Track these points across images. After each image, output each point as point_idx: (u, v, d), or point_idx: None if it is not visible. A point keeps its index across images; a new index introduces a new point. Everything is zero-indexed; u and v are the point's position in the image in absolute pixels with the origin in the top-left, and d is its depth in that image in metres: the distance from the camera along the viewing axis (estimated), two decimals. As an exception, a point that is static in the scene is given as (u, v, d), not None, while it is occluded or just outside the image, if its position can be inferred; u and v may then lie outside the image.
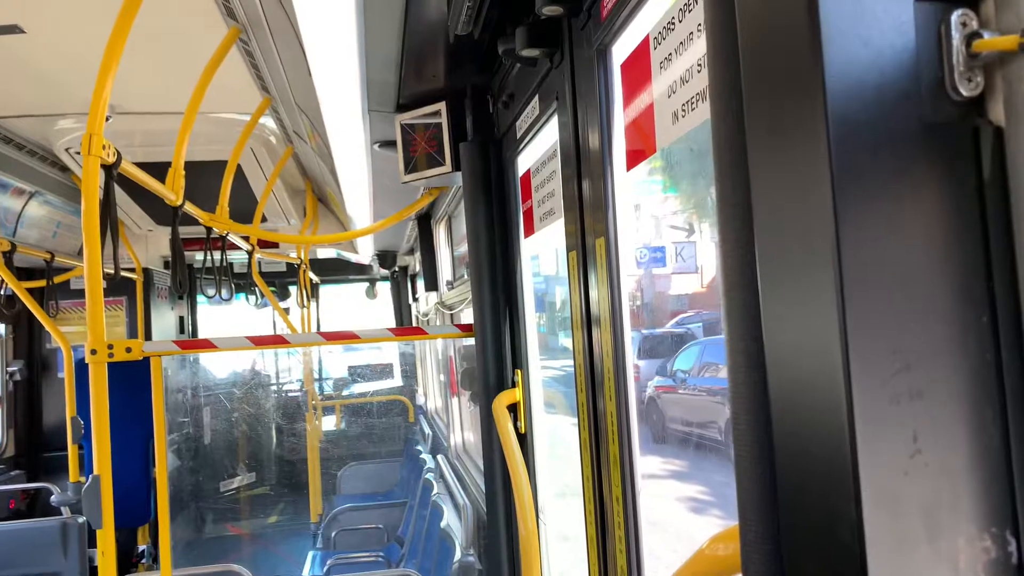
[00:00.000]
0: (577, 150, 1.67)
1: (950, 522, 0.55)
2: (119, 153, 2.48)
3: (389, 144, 2.91)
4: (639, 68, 1.33)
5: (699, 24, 1.11)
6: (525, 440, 2.38)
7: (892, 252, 0.56)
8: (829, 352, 0.55)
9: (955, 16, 0.57)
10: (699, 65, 1.11)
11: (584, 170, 1.64)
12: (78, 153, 4.41)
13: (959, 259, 0.57)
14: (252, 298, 5.61)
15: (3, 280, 4.52)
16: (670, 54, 1.20)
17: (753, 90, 0.64)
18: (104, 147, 2.36)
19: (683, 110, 1.16)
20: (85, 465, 5.03)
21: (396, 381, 8.93)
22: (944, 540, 0.55)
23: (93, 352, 2.33)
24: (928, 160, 0.57)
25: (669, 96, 1.21)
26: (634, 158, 1.39)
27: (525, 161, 2.28)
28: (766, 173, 0.63)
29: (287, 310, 6.52)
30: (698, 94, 1.11)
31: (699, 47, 1.11)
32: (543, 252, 2.73)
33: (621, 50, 1.46)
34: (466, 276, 4.22)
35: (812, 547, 0.60)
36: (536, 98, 1.98)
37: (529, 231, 2.28)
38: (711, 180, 0.73)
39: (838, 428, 0.55)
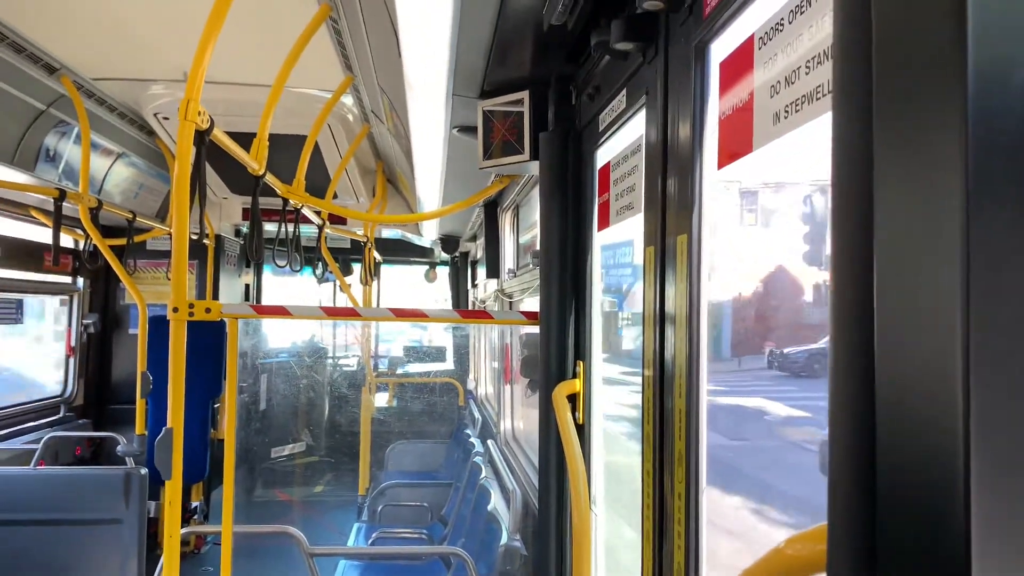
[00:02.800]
0: (664, 146, 1.67)
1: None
2: (212, 120, 2.57)
3: (467, 129, 2.95)
4: (740, 67, 1.32)
5: (810, 25, 1.10)
6: (582, 431, 2.39)
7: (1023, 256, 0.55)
8: (949, 352, 0.55)
9: (1108, 26, 0.56)
10: (807, 67, 1.10)
11: (670, 167, 1.64)
12: (166, 119, 4.57)
13: None
14: (318, 271, 5.73)
15: (87, 236, 4.72)
16: (776, 54, 1.19)
17: (884, 87, 0.64)
18: (200, 113, 2.45)
19: (786, 111, 1.15)
20: (149, 419, 5.23)
21: (448, 365, 9.03)
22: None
23: (175, 310, 2.43)
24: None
25: (771, 96, 1.20)
26: (727, 157, 1.38)
27: (605, 154, 2.28)
28: (894, 179, 0.63)
29: (349, 285, 6.65)
30: (804, 96, 1.10)
31: (808, 47, 1.10)
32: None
33: (720, 48, 1.45)
34: (530, 265, 4.25)
35: (913, 554, 0.60)
36: (624, 92, 1.98)
37: (604, 224, 2.29)
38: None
39: (954, 433, 0.55)
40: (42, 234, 5.68)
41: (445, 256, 8.63)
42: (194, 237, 2.69)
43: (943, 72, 0.57)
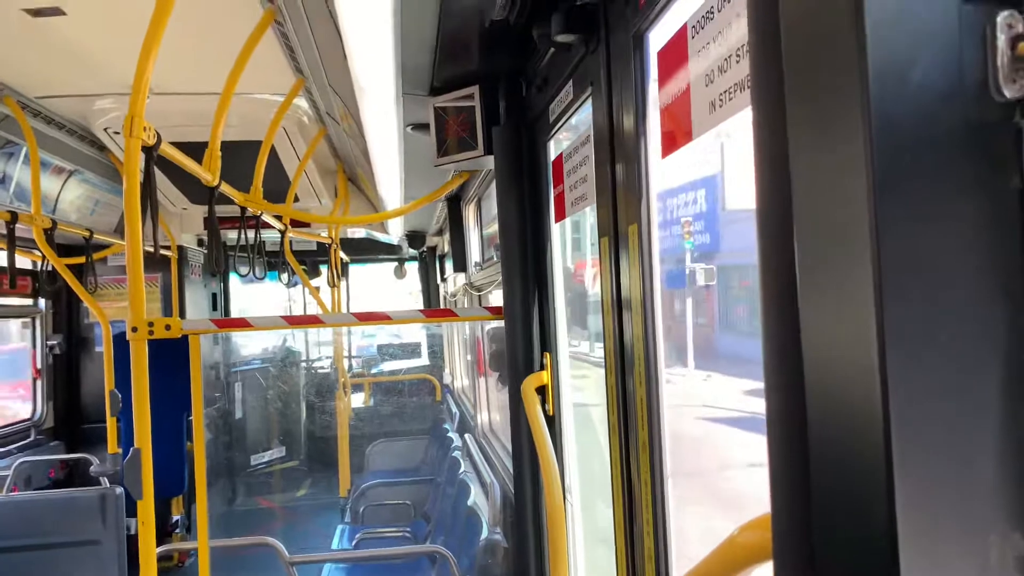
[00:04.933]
0: (611, 136, 1.67)
1: (983, 516, 0.57)
2: (159, 134, 2.53)
3: (422, 127, 2.93)
4: (676, 56, 1.33)
5: (737, 13, 1.11)
6: (553, 422, 2.41)
7: (931, 252, 0.57)
8: (866, 348, 0.57)
9: (1001, 18, 0.58)
10: (737, 56, 1.11)
11: (618, 155, 1.65)
12: (116, 133, 4.49)
13: (1000, 261, 0.58)
14: (284, 276, 5.68)
15: (44, 256, 4.63)
16: (708, 43, 1.20)
17: (795, 85, 0.65)
18: (145, 128, 2.41)
19: (720, 100, 1.16)
20: (122, 437, 5.16)
21: (423, 361, 9.01)
22: (977, 534, 0.57)
23: (135, 330, 2.40)
24: (969, 161, 0.58)
25: (706, 85, 1.21)
26: (670, 145, 1.39)
27: (557, 145, 2.29)
28: (806, 169, 0.64)
29: (317, 288, 6.60)
30: (736, 84, 1.11)
31: (737, 37, 1.11)
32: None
33: (658, 37, 1.46)
34: (495, 257, 4.25)
35: (844, 538, 0.61)
36: (570, 83, 1.98)
37: (560, 215, 2.29)
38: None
39: (874, 422, 0.56)
40: (-2, 257, 5.57)
41: (414, 252, 8.59)
42: (149, 251, 2.65)
43: (845, 72, 0.58)
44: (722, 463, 9.29)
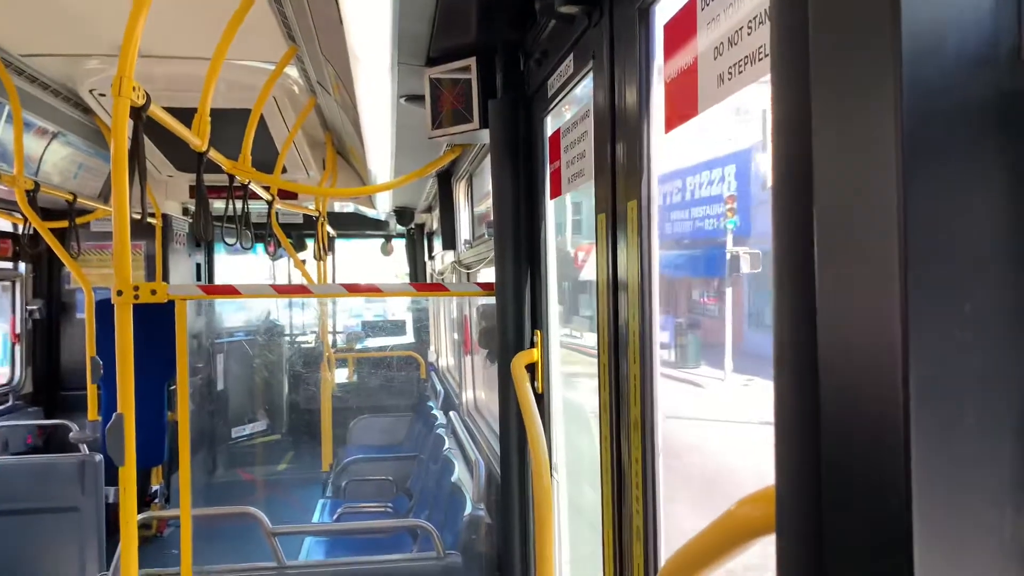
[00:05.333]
0: (612, 111, 1.65)
1: (999, 494, 0.56)
2: (148, 96, 2.48)
3: (415, 99, 2.89)
4: (684, 29, 1.31)
5: (751, -15, 1.09)
6: (542, 400, 2.40)
7: (961, 226, 0.55)
8: (888, 321, 0.55)
9: (1038, -17, 0.56)
10: (749, 28, 1.09)
11: (619, 131, 1.62)
12: (102, 95, 4.41)
13: None
14: (270, 248, 5.63)
15: (26, 219, 4.55)
16: (718, 15, 1.18)
17: (822, 51, 0.63)
18: (134, 89, 2.36)
19: (729, 73, 1.15)
20: (102, 405, 5.11)
21: (408, 338, 8.99)
22: (991, 509, 0.56)
23: (120, 293, 2.36)
24: (1002, 128, 0.57)
25: (715, 58, 1.19)
26: (674, 120, 1.37)
27: (555, 121, 2.26)
28: (830, 138, 0.62)
29: (303, 262, 6.55)
30: (747, 57, 1.09)
31: (750, 7, 1.09)
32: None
33: (665, 10, 1.44)
34: (485, 236, 4.22)
35: (854, 509, 0.60)
36: (571, 57, 1.95)
37: (556, 192, 2.27)
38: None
39: (892, 393, 0.55)
40: (-22, 219, 5.47)
41: (401, 228, 8.54)
42: (136, 217, 2.61)
43: (876, 37, 0.56)
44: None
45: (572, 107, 2.11)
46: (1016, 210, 0.57)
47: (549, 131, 2.31)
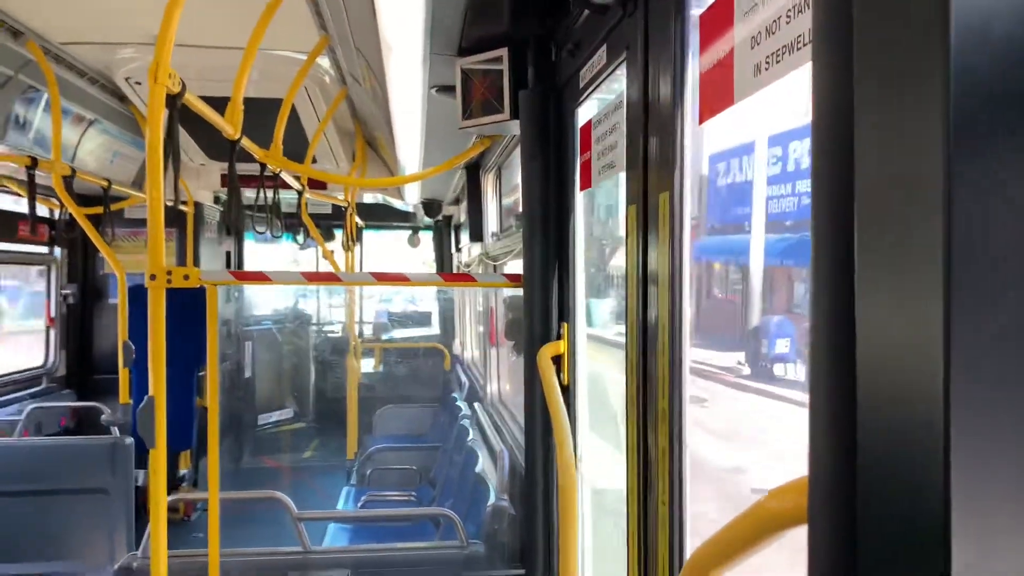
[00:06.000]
0: (645, 102, 1.64)
1: (1040, 486, 0.55)
2: (183, 83, 2.51)
3: (446, 89, 2.90)
4: (720, 19, 1.30)
5: (791, -26, 1.08)
6: (568, 392, 2.40)
7: (1008, 216, 0.54)
8: (930, 316, 0.55)
9: (1094, -33, 0.55)
10: (788, 16, 1.08)
11: (652, 123, 1.62)
12: (138, 83, 4.47)
13: None
14: (299, 237, 5.68)
15: (63, 205, 4.64)
16: (755, 4, 1.17)
17: (865, 37, 0.62)
18: (170, 76, 2.39)
19: (767, 62, 1.13)
20: (133, 388, 5.20)
21: (434, 329, 9.03)
22: (1032, 503, 0.55)
23: (153, 277, 2.39)
24: (1051, 118, 0.55)
25: (752, 48, 1.18)
26: (708, 111, 1.36)
27: (586, 112, 2.25)
28: (873, 125, 0.61)
29: (332, 252, 6.60)
30: (785, 46, 1.08)
31: (789, -2, 1.08)
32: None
33: (701, 0, 1.43)
34: (513, 228, 4.22)
35: (891, 506, 0.60)
36: (604, 47, 1.94)
37: (586, 184, 2.27)
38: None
39: (932, 383, 0.54)
40: (16, 204, 5.58)
41: (428, 220, 8.57)
42: (169, 203, 2.64)
43: (925, 22, 0.55)
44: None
45: (599, 101, 2.11)
46: None
47: (580, 122, 2.30)
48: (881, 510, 0.61)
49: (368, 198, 7.66)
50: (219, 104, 3.19)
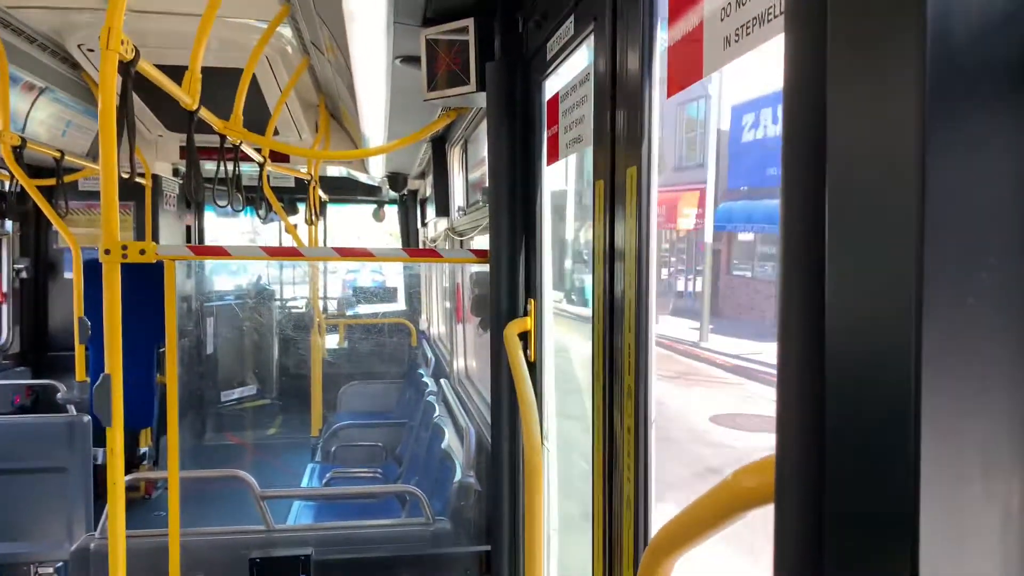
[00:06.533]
0: (613, 75, 1.62)
1: (1008, 464, 0.54)
2: (137, 50, 2.42)
3: (411, 60, 2.84)
4: (690, -11, 1.27)
5: (763, -57, 1.05)
6: (534, 368, 2.39)
7: (984, 188, 0.53)
8: (901, 284, 0.53)
9: (1074, -65, 0.53)
10: (759, -13, 1.06)
11: (620, 96, 1.59)
12: (91, 50, 4.31)
13: None
14: (261, 211, 5.57)
15: (12, 176, 4.48)
16: (727, -25, 1.15)
17: (840, 11, 0.60)
18: (123, 42, 2.30)
19: (736, 35, 1.11)
20: (90, 366, 5.09)
21: (399, 305, 8.97)
22: (1000, 481, 0.54)
23: (107, 252, 2.32)
24: (1029, 91, 0.54)
25: (721, 20, 1.16)
26: (676, 84, 1.34)
27: (554, 85, 2.22)
28: (846, 96, 0.60)
29: (295, 226, 6.49)
30: (755, 18, 1.06)
31: (760, -32, 1.06)
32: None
33: (670, -30, 1.40)
34: (480, 202, 4.18)
35: (858, 481, 0.59)
36: (572, 18, 1.91)
37: (553, 158, 2.24)
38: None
39: (901, 361, 0.53)
40: (-37, 175, 5.37)
41: (394, 194, 8.47)
42: (125, 175, 2.56)
43: None
44: None
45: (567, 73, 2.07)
46: None
47: (548, 95, 2.27)
48: (848, 489, 0.60)
49: (332, 171, 7.53)
50: (177, 73, 3.09)
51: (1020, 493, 0.55)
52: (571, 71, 2.04)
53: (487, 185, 2.67)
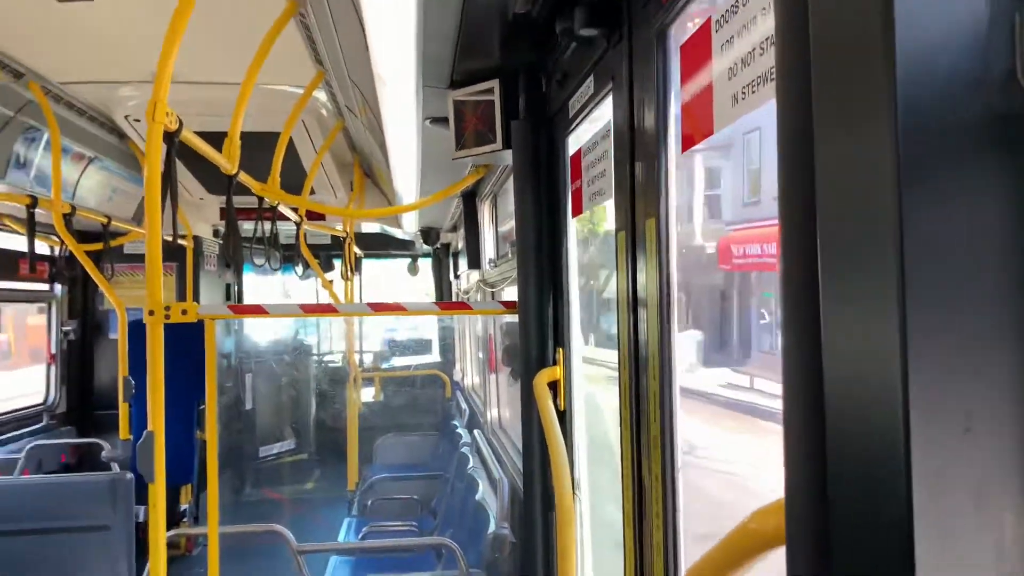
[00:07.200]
0: (631, 131, 1.68)
1: (999, 499, 0.57)
2: (180, 120, 2.55)
3: (440, 120, 2.94)
4: (699, 50, 1.33)
5: (763, 7, 1.11)
6: (564, 417, 2.41)
7: (955, 238, 0.57)
8: (888, 333, 0.57)
9: (1031, 5, 0.58)
10: (761, 48, 1.11)
11: (638, 151, 1.65)
12: (137, 120, 4.53)
13: (1021, 248, 0.58)
14: (298, 269, 5.71)
15: (63, 242, 4.68)
16: (732, 37, 1.21)
17: (822, 73, 0.65)
18: (167, 114, 2.43)
19: (743, 92, 1.17)
20: (133, 424, 5.20)
21: (434, 357, 9.03)
22: (992, 517, 0.57)
23: (151, 313, 2.42)
24: (995, 149, 0.58)
25: (729, 79, 1.21)
26: (690, 140, 1.40)
27: (576, 141, 2.29)
28: (832, 155, 0.64)
29: (331, 282, 6.63)
30: (759, 77, 1.12)
31: (762, 30, 1.12)
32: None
33: (681, 31, 1.47)
34: (509, 255, 4.25)
35: (860, 521, 0.61)
36: (591, 78, 1.99)
37: (577, 211, 2.30)
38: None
39: (892, 405, 0.56)
40: (16, 242, 5.62)
41: (427, 248, 8.62)
42: (168, 239, 2.68)
43: (873, 57, 0.58)
44: None
45: (589, 128, 2.14)
46: (1009, 227, 0.58)
47: (571, 151, 2.34)
48: (852, 530, 0.63)
49: (367, 227, 7.71)
50: (217, 138, 3.24)
51: (1013, 527, 0.57)
52: (592, 127, 2.11)
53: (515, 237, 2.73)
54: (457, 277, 7.77)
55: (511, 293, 4.52)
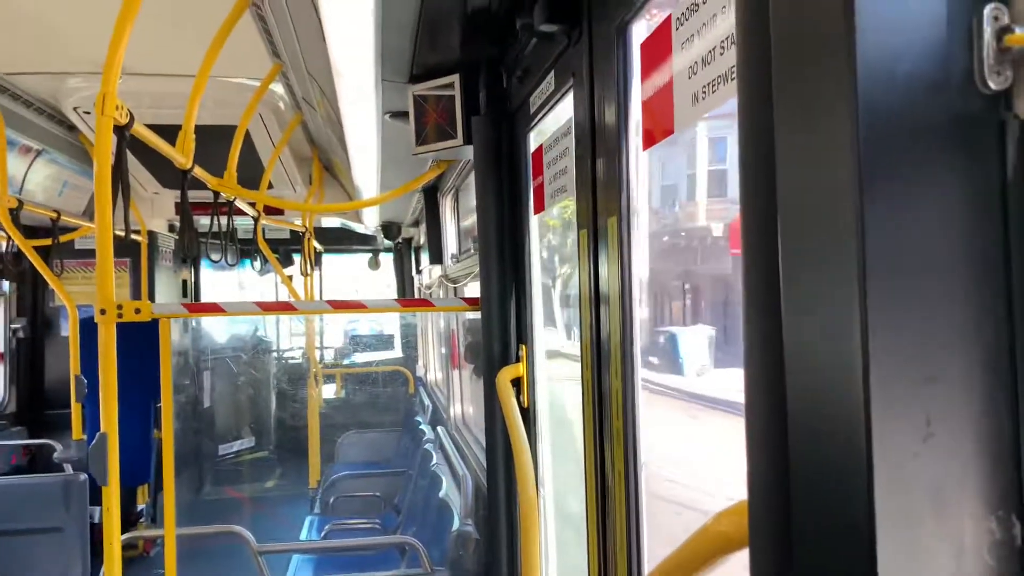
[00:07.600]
0: (592, 128, 1.67)
1: (958, 503, 0.57)
2: (132, 114, 2.48)
3: (400, 115, 2.91)
4: (659, 47, 1.33)
5: (723, 5, 1.11)
6: (527, 414, 2.40)
7: (915, 240, 0.57)
8: (849, 334, 0.57)
9: (987, 9, 0.58)
10: (722, 47, 1.11)
11: (599, 148, 1.64)
12: (87, 112, 4.40)
13: (980, 250, 0.59)
14: (256, 264, 5.62)
15: (10, 237, 4.53)
16: (692, 35, 1.20)
17: (782, 75, 0.65)
18: (117, 107, 2.36)
19: (703, 92, 1.17)
20: (87, 424, 5.08)
21: (396, 352, 8.97)
22: (951, 520, 0.57)
23: (103, 312, 2.35)
24: (953, 151, 0.58)
25: (689, 77, 1.21)
26: (651, 138, 1.39)
27: (538, 137, 2.28)
28: (792, 158, 0.64)
29: (290, 277, 6.54)
30: (720, 76, 1.11)
31: (722, 28, 1.12)
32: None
33: (641, 28, 1.46)
34: (472, 250, 4.23)
35: (821, 524, 0.61)
36: (552, 74, 1.97)
37: (539, 208, 2.29)
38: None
39: (854, 409, 0.56)
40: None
41: (389, 243, 8.55)
42: (120, 234, 2.60)
43: (833, 61, 0.58)
44: None
45: (551, 125, 2.13)
46: (969, 228, 0.59)
47: (532, 147, 2.33)
48: (813, 532, 0.63)
49: (327, 222, 7.61)
50: (171, 131, 3.16)
51: (972, 531, 0.57)
52: (554, 124, 2.10)
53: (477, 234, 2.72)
54: (419, 272, 7.72)
55: (474, 288, 4.50)
